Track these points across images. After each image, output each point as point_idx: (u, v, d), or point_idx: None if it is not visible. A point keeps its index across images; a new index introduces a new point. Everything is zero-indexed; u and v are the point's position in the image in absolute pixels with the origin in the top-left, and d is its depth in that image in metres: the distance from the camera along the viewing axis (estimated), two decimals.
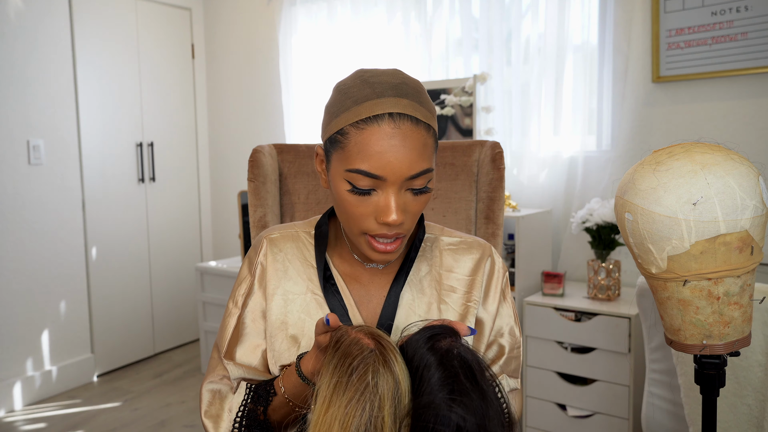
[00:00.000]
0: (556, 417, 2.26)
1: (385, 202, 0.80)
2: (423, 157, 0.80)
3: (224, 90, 3.79)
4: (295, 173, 1.44)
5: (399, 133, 0.78)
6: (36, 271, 2.95)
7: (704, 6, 2.25)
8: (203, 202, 3.89)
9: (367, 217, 0.82)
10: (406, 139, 0.79)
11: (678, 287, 0.83)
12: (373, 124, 0.78)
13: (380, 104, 0.79)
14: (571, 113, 2.58)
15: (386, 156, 0.78)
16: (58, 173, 3.04)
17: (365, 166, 0.78)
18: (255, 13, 3.59)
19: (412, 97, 0.81)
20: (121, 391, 3.07)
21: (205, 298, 3.19)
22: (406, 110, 0.79)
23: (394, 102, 0.79)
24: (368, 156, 0.78)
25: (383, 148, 0.78)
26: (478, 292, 0.96)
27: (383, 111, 0.79)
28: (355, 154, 0.79)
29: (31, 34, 2.90)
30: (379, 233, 0.82)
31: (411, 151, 0.79)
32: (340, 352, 0.72)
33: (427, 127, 0.82)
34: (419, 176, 0.80)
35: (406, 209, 0.82)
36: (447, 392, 0.65)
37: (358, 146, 0.79)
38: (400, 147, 0.78)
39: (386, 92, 0.80)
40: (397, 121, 0.79)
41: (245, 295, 0.96)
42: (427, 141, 0.82)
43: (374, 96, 0.80)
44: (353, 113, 0.80)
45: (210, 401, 0.91)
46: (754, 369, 1.37)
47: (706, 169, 0.79)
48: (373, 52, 3.06)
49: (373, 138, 0.78)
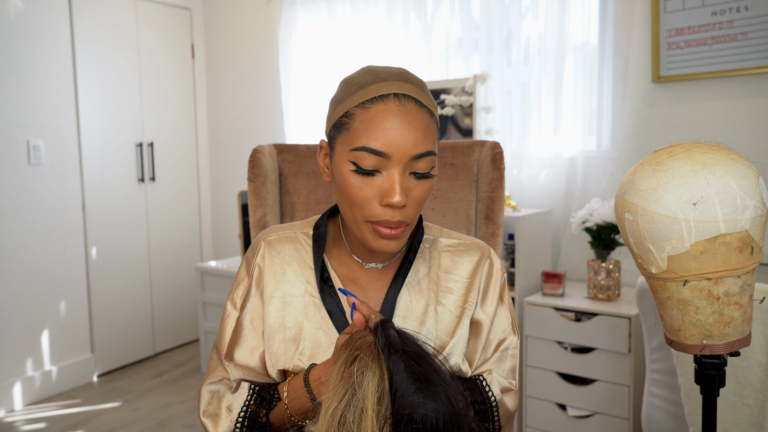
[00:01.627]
0: (556, 417, 2.26)
1: (390, 182, 0.80)
2: (428, 138, 0.81)
3: (224, 90, 3.79)
4: (295, 173, 1.44)
5: (404, 111, 0.79)
6: (36, 271, 2.95)
7: (704, 6, 2.25)
8: (203, 202, 3.89)
9: (371, 201, 0.81)
10: (412, 117, 0.80)
11: (678, 287, 0.83)
12: (378, 103, 0.80)
13: (385, 86, 0.81)
14: (571, 113, 2.58)
15: (392, 133, 0.79)
16: (58, 173, 3.04)
17: (371, 142, 0.79)
18: (255, 13, 3.59)
19: (416, 84, 0.83)
20: (121, 391, 3.07)
21: (205, 298, 3.19)
22: (411, 93, 0.81)
23: (399, 85, 0.81)
24: (374, 133, 0.79)
25: (390, 124, 0.79)
26: (474, 294, 0.95)
27: (389, 91, 0.80)
28: (360, 132, 0.80)
29: (31, 34, 2.90)
30: (383, 219, 0.81)
31: (416, 130, 0.80)
32: (350, 346, 0.73)
33: (430, 113, 0.83)
34: (423, 157, 0.81)
35: (410, 194, 0.82)
36: (413, 390, 0.66)
37: (364, 124, 0.80)
38: (406, 125, 0.79)
39: (391, 77, 0.82)
40: (402, 100, 0.80)
41: (243, 297, 0.95)
42: (431, 125, 0.83)
43: (379, 80, 0.82)
44: (359, 96, 0.81)
45: (209, 401, 0.90)
46: (754, 369, 1.37)
47: (706, 169, 0.79)
48: (373, 52, 3.06)
49: (379, 115, 0.79)
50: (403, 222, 0.83)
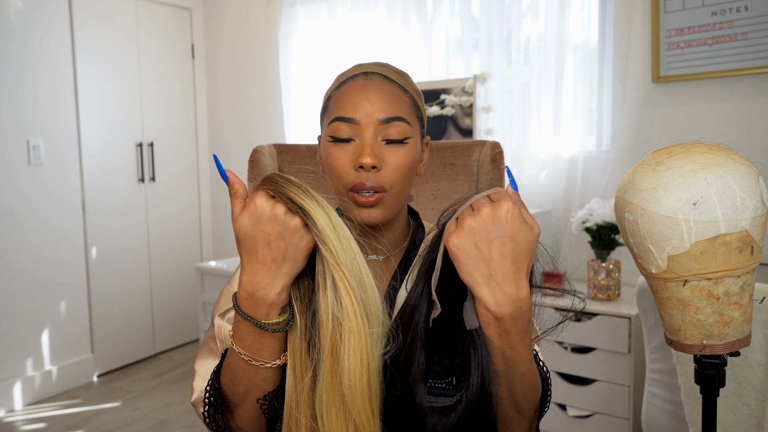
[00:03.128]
0: (556, 417, 2.26)
1: (360, 146, 0.84)
2: (395, 105, 0.86)
3: (224, 90, 3.79)
4: (295, 173, 1.44)
5: (371, 83, 0.87)
6: (36, 271, 2.95)
7: (704, 6, 2.25)
8: (203, 202, 3.89)
9: (347, 167, 0.85)
10: (378, 87, 0.86)
11: (678, 287, 0.83)
12: (349, 81, 0.88)
13: (358, 68, 0.90)
14: (571, 113, 2.58)
15: (359, 100, 0.85)
16: (58, 173, 3.04)
17: (340, 112, 0.85)
18: (255, 13, 3.59)
19: (390, 69, 0.90)
20: (121, 391, 3.07)
21: (205, 298, 3.19)
22: (380, 71, 0.88)
23: (371, 66, 0.90)
24: (343, 104, 0.86)
25: (356, 94, 0.86)
26: None
27: (359, 72, 0.89)
28: (333, 108, 0.87)
29: (31, 34, 2.90)
30: (358, 182, 0.84)
31: (382, 98, 0.86)
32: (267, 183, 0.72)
33: (402, 88, 0.88)
34: (392, 122, 0.85)
35: (383, 159, 0.85)
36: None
37: (336, 100, 0.87)
38: (373, 93, 0.86)
39: (368, 65, 0.90)
40: (370, 75, 0.88)
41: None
42: (402, 97, 0.88)
43: (357, 67, 0.90)
44: (336, 82, 0.91)
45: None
46: (754, 369, 1.37)
47: (706, 169, 0.79)
48: (373, 52, 3.06)
49: (348, 89, 0.87)
50: (379, 187, 0.84)
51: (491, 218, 0.66)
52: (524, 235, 0.67)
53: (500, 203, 0.67)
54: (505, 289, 0.66)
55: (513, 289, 0.66)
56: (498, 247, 0.66)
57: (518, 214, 0.67)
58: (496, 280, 0.66)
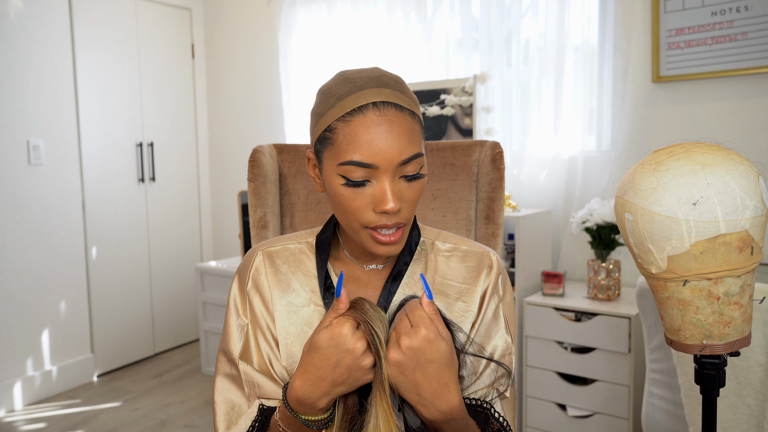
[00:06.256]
0: (556, 417, 2.26)
1: (381, 191, 0.81)
2: (412, 142, 0.82)
3: (224, 90, 3.79)
4: (295, 173, 1.44)
5: (385, 119, 0.80)
6: (36, 271, 2.95)
7: (704, 6, 2.25)
8: (203, 202, 3.89)
9: (365, 210, 0.82)
10: (393, 124, 0.80)
11: (678, 287, 0.83)
12: (358, 115, 0.80)
13: (363, 96, 0.81)
14: (571, 113, 2.58)
15: (376, 143, 0.79)
16: (58, 173, 3.04)
17: (356, 156, 0.79)
18: (255, 13, 3.59)
19: (393, 87, 0.83)
20: (121, 391, 3.07)
21: (205, 298, 3.19)
22: (389, 98, 0.81)
23: (376, 92, 0.81)
24: (358, 146, 0.79)
25: (371, 136, 0.79)
26: (473, 300, 0.94)
27: (367, 101, 0.80)
28: (345, 146, 0.80)
29: (31, 34, 2.90)
30: (379, 224, 0.82)
31: (399, 137, 0.80)
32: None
33: (412, 114, 0.83)
34: (410, 161, 0.81)
35: (402, 197, 0.83)
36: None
37: (347, 138, 0.80)
38: (388, 133, 0.80)
39: (367, 84, 0.82)
40: (381, 108, 0.80)
41: (242, 305, 0.95)
42: (414, 126, 0.83)
43: (356, 89, 0.81)
44: (338, 108, 0.81)
45: (227, 412, 0.91)
46: (754, 369, 1.37)
47: (706, 169, 0.79)
48: (373, 52, 3.06)
49: (361, 128, 0.79)
50: (401, 223, 0.84)
51: (411, 351, 0.73)
52: (443, 352, 0.74)
53: (416, 330, 0.74)
54: (435, 404, 0.75)
55: (442, 403, 0.76)
56: (422, 373, 0.74)
57: (434, 335, 0.74)
58: (427, 399, 0.75)
